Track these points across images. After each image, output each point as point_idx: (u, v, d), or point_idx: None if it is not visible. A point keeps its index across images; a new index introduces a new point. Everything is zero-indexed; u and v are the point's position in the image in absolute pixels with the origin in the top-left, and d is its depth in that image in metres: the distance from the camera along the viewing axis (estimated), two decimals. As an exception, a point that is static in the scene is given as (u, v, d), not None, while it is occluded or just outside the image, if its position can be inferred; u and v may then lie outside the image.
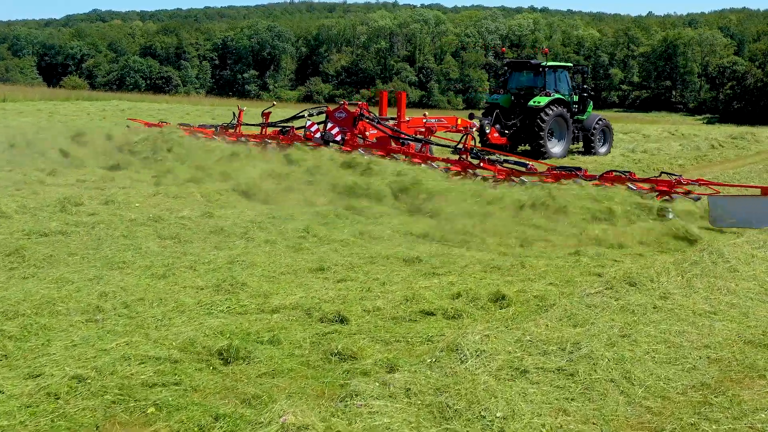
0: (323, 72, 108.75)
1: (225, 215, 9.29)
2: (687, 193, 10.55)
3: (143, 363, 4.48)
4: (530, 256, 7.59)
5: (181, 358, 4.57)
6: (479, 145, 15.70)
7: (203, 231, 8.41)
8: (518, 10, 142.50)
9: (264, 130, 17.11)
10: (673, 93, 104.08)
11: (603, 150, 20.85)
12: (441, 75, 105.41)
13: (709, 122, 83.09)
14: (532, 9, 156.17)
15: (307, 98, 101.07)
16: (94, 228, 8.16)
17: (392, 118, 16.43)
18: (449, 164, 13.31)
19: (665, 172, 11.74)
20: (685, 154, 20.23)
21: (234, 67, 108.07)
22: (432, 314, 5.63)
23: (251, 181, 11.31)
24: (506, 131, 19.18)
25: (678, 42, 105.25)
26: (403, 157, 13.85)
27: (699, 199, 10.33)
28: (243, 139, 16.44)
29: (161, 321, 5.32)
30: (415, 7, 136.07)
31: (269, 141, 15.81)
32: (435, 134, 15.89)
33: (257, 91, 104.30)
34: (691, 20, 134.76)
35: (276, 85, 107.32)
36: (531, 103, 19.24)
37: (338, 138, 15.17)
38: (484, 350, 4.48)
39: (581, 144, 20.76)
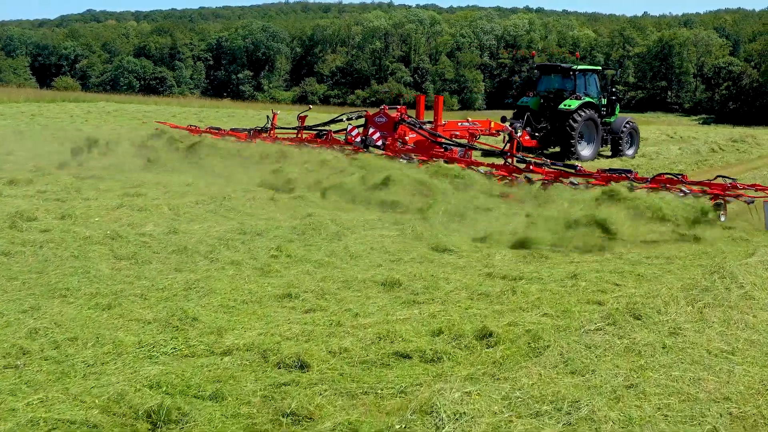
0: (318, 72, 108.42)
1: (192, 231, 8.54)
2: (738, 196, 10.44)
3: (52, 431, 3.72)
4: (523, 279, 6.85)
5: (100, 423, 3.79)
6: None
7: (165, 250, 7.65)
8: (513, 11, 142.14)
9: (300, 133, 17.15)
10: (669, 93, 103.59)
11: (630, 152, 20.77)
12: (436, 75, 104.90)
13: (705, 123, 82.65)
14: (528, 9, 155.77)
15: (301, 99, 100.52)
16: (42, 248, 7.39)
17: (429, 122, 16.41)
18: (495, 169, 13.19)
19: (721, 176, 11.50)
20: (685, 158, 19.56)
21: (228, 67, 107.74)
22: (408, 357, 4.85)
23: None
24: (536, 134, 19.22)
25: (673, 42, 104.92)
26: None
27: (752, 202, 10.20)
28: (278, 142, 16.51)
29: (91, 368, 4.56)
30: (410, 7, 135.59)
31: (306, 145, 15.92)
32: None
33: (252, 91, 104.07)
34: (687, 20, 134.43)
35: (270, 85, 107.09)
36: (561, 106, 19.25)
37: (379, 143, 15.21)
38: (464, 413, 3.74)
39: (609, 146, 20.72)
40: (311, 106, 21.91)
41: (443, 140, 14.98)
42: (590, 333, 5.09)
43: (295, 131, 17.43)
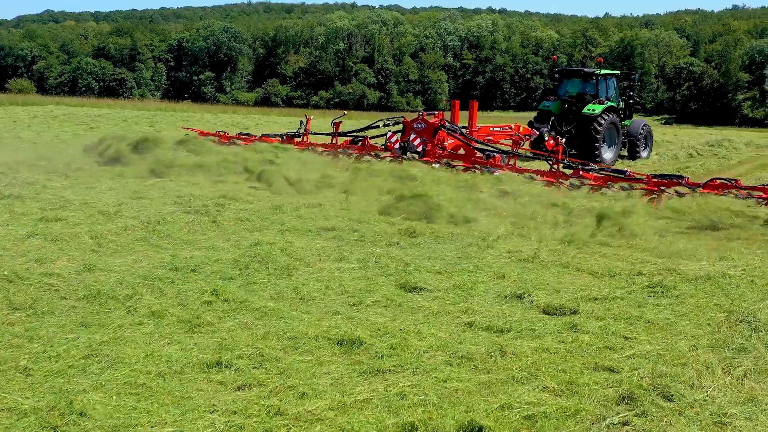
0: (281, 73, 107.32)
1: (112, 267, 7.13)
2: None
3: None
4: (512, 331, 5.59)
5: None
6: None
7: (74, 295, 6.25)
8: (476, 11, 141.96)
9: (335, 139, 17.09)
10: (631, 93, 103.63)
11: (645, 154, 21.41)
12: (400, 76, 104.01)
13: (667, 123, 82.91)
14: (491, 10, 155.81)
15: (264, 100, 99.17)
16: None
17: (464, 127, 16.57)
18: (541, 176, 13.30)
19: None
20: (664, 164, 18.64)
21: (190, 68, 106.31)
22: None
23: None
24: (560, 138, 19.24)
25: (635, 43, 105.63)
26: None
27: None
28: (312, 148, 16.47)
29: None
30: (373, 8, 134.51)
31: (342, 151, 15.94)
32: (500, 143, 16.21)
33: (213, 93, 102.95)
34: (647, 21, 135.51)
35: (233, 87, 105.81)
36: (585, 110, 19.68)
37: (419, 149, 15.28)
38: None
39: (626, 149, 21.20)
40: (345, 112, 21.81)
41: (485, 147, 15.19)
42: (612, 428, 3.82)
43: (330, 137, 17.36)
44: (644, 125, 21.47)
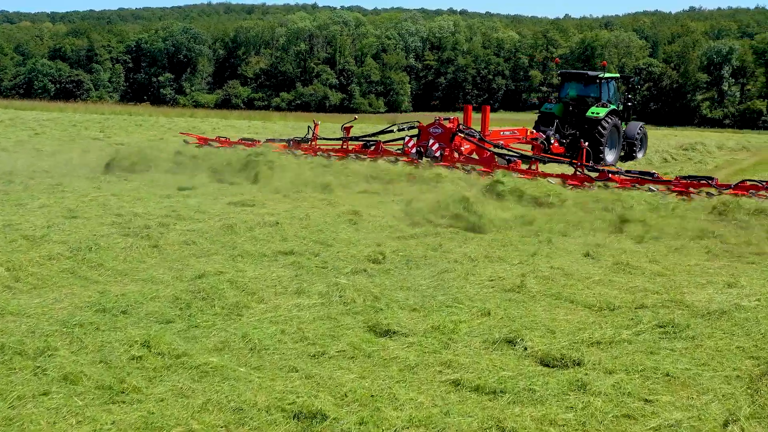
0: (242, 75, 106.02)
1: (26, 310, 5.98)
2: None
3: None
4: (507, 393, 4.60)
5: None
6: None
7: (-29, 350, 5.12)
8: (438, 13, 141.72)
9: (346, 144, 17.01)
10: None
11: (640, 155, 21.83)
12: (362, 77, 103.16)
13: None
14: (452, 11, 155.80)
15: (225, 102, 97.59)
16: None
17: (476, 132, 16.59)
18: (565, 180, 13.37)
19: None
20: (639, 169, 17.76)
21: (148, 70, 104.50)
22: None
23: None
24: (564, 140, 19.63)
25: (595, 44, 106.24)
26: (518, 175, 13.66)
27: None
28: (321, 153, 16.50)
29: None
30: (334, 8, 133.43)
31: (354, 156, 16.00)
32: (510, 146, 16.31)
33: (173, 95, 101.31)
34: (607, 22, 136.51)
35: (193, 88, 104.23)
36: (589, 113, 19.96)
37: (437, 154, 15.32)
38: None
39: (624, 151, 21.50)
40: (356, 116, 21.15)
41: (506, 152, 15.37)
42: None
43: (340, 142, 17.21)
44: (640, 127, 21.98)
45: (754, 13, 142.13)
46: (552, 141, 18.02)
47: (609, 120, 19.86)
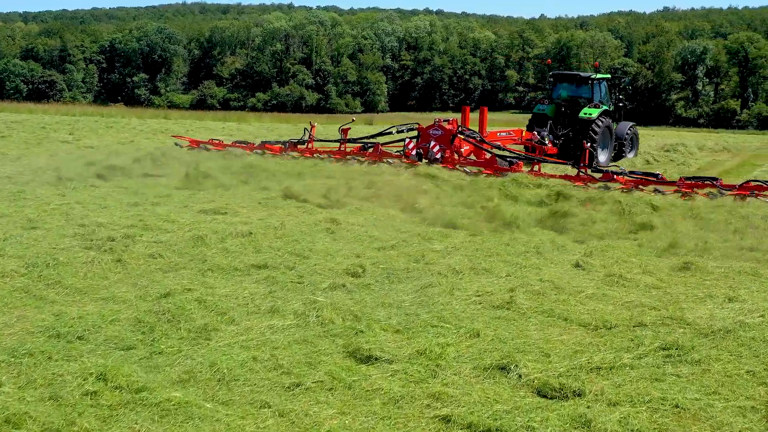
0: (217, 75, 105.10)
1: (-29, 336, 5.45)
2: None
3: None
4: None
5: None
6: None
7: None
8: (414, 13, 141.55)
9: (343, 146, 16.93)
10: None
11: (631, 155, 21.95)
12: (338, 78, 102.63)
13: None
14: (428, 11, 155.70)
15: (200, 102, 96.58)
16: None
17: (477, 133, 16.62)
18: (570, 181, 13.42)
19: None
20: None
21: (122, 70, 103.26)
22: None
23: None
24: (556, 141, 19.67)
25: (571, 44, 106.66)
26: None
27: None
28: (317, 155, 16.47)
29: None
30: (310, 8, 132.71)
31: (351, 158, 15.95)
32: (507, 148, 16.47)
33: (148, 95, 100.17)
34: (582, 22, 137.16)
35: (168, 89, 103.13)
36: (582, 114, 19.97)
37: (438, 156, 15.37)
38: None
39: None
40: (354, 118, 20.88)
41: (507, 153, 15.50)
42: None
43: (338, 144, 17.14)
44: (630, 127, 22.07)
45: (727, 14, 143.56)
46: (547, 142, 17.92)
47: (601, 121, 19.92)
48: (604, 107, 20.45)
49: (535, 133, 18.34)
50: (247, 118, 46.61)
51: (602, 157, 20.03)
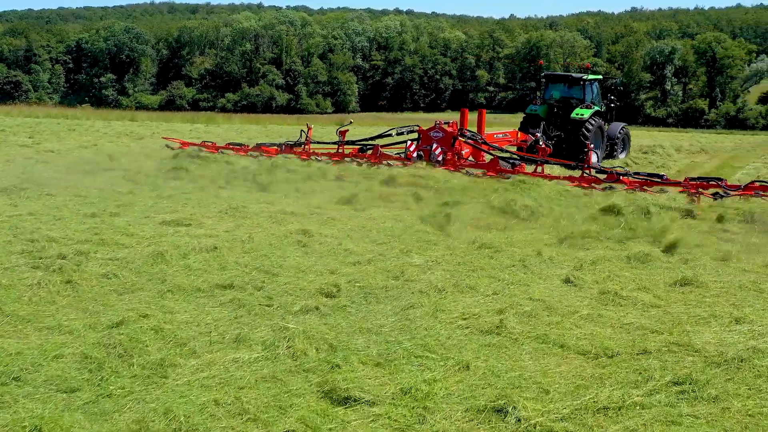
0: (186, 75, 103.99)
1: None
2: None
3: None
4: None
5: None
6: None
7: None
8: (384, 13, 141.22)
9: (341, 148, 17.00)
10: (537, 94, 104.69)
11: (622, 155, 22.15)
12: (309, 78, 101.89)
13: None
14: (398, 11, 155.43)
15: (169, 103, 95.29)
16: None
17: (479, 135, 16.72)
18: (574, 182, 13.52)
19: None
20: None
21: (90, 70, 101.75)
22: None
23: None
24: (549, 141, 19.51)
25: (540, 44, 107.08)
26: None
27: None
28: (315, 157, 16.47)
29: None
30: (280, 8, 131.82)
31: (350, 160, 16.02)
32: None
33: (115, 96, 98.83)
34: (552, 22, 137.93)
35: (136, 89, 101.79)
36: (574, 115, 20.15)
37: (440, 158, 15.49)
38: None
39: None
40: (352, 120, 21.11)
41: (510, 155, 15.60)
42: None
43: (336, 146, 17.25)
44: (622, 128, 22.26)
45: (693, 14, 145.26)
46: (541, 143, 17.83)
47: (593, 121, 20.07)
48: (596, 108, 20.63)
49: (537, 133, 18.55)
50: (216, 119, 45.65)
51: (595, 157, 19.83)
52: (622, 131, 22.21)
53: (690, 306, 6.74)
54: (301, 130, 18.02)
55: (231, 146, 17.83)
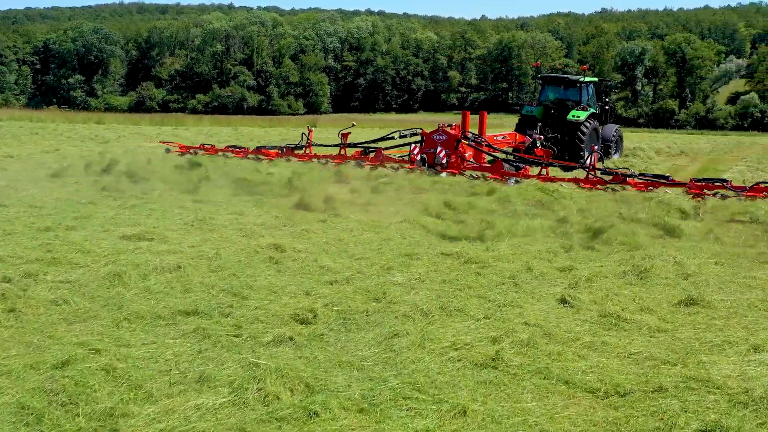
0: (156, 76, 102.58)
1: None
2: None
3: None
4: None
5: None
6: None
7: None
8: (356, 13, 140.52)
9: (343, 150, 17.09)
10: (510, 95, 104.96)
11: (616, 156, 22.43)
12: (280, 79, 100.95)
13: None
14: (369, 12, 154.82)
15: (139, 104, 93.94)
16: None
17: (483, 138, 16.83)
18: (579, 184, 13.70)
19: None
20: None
21: (57, 72, 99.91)
22: None
23: None
24: (545, 143, 19.30)
25: (512, 45, 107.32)
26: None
27: None
28: (316, 160, 16.62)
29: None
30: (251, 9, 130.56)
31: (356, 163, 16.03)
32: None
33: (84, 97, 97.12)
34: (523, 23, 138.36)
35: (105, 90, 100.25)
36: (570, 116, 20.26)
37: (444, 161, 15.52)
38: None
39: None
40: (354, 123, 20.88)
41: (514, 158, 15.65)
42: None
43: (338, 148, 17.29)
44: (615, 130, 22.42)
45: (663, 15, 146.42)
46: (539, 144, 17.91)
47: (589, 123, 20.22)
48: (592, 110, 20.81)
49: (537, 135, 18.46)
50: (186, 121, 44.75)
51: (589, 158, 20.08)
52: (616, 133, 22.41)
53: (699, 330, 6.18)
54: (303, 133, 17.98)
55: (230, 149, 17.78)
